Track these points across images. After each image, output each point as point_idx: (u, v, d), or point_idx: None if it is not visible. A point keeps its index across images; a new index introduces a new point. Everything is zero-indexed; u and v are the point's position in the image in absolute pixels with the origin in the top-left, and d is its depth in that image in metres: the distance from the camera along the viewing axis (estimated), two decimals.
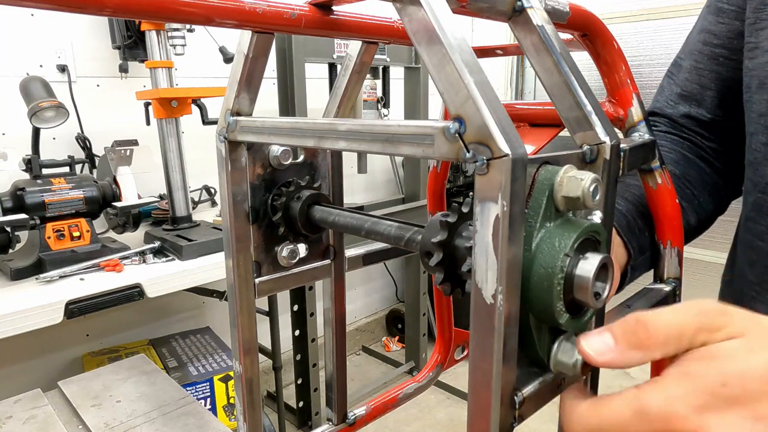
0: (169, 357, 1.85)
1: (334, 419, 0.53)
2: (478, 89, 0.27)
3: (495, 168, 0.26)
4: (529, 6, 0.36)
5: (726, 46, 0.65)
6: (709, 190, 0.67)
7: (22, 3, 0.29)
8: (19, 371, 1.80)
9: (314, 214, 0.45)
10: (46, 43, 1.77)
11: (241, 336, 0.45)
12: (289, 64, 1.96)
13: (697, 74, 0.68)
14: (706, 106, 0.68)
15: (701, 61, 0.67)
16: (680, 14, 2.58)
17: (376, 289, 3.19)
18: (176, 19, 0.34)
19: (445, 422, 2.40)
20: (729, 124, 0.67)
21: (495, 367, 0.28)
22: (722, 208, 0.71)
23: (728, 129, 0.67)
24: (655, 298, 0.53)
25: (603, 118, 0.36)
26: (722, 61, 0.66)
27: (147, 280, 1.41)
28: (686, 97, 0.69)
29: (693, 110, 0.68)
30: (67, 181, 1.50)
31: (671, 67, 0.72)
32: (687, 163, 0.67)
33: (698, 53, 0.68)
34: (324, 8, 0.40)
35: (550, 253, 0.29)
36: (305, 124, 0.36)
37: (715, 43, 0.66)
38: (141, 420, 1.04)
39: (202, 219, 1.79)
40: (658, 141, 0.69)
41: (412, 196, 2.62)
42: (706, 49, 0.67)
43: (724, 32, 0.65)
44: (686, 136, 0.69)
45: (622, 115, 0.51)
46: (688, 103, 0.69)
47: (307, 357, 2.19)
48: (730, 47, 0.64)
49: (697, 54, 0.68)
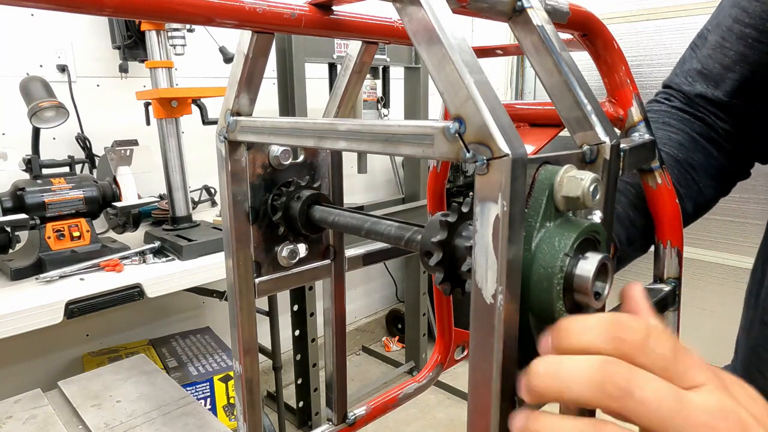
0: (169, 357, 1.85)
1: (334, 419, 0.54)
2: (478, 89, 0.27)
3: (495, 168, 0.26)
4: (529, 6, 0.36)
5: (757, 27, 0.60)
6: (713, 174, 0.64)
7: (22, 3, 0.29)
8: (19, 371, 1.80)
9: (314, 214, 0.45)
10: (46, 43, 1.77)
11: (241, 336, 0.45)
12: (289, 64, 1.96)
13: (722, 53, 0.63)
14: (725, 89, 0.64)
15: (728, 39, 0.63)
16: (680, 14, 2.58)
17: (376, 289, 3.19)
18: (176, 19, 0.34)
19: (445, 422, 2.40)
20: (746, 110, 0.64)
21: (495, 367, 0.28)
22: (726, 190, 0.68)
23: (745, 114, 0.64)
24: (654, 297, 0.53)
25: (603, 118, 0.36)
26: (751, 42, 0.61)
27: (147, 280, 1.41)
28: (705, 76, 0.65)
29: (710, 91, 0.65)
30: (67, 181, 1.50)
31: (696, 38, 0.67)
32: (693, 146, 0.64)
33: (726, 29, 0.63)
34: (324, 8, 0.40)
35: (549, 253, 0.29)
36: (305, 124, 0.36)
37: (747, 22, 0.61)
38: (141, 420, 1.04)
39: (202, 219, 1.79)
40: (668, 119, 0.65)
41: (412, 196, 2.62)
42: (736, 27, 0.62)
43: (758, 11, 0.60)
44: (700, 115, 0.66)
45: (622, 115, 0.51)
46: (706, 83, 0.65)
47: (307, 357, 2.19)
48: (762, 29, 0.60)
49: (725, 30, 0.63)
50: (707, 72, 0.65)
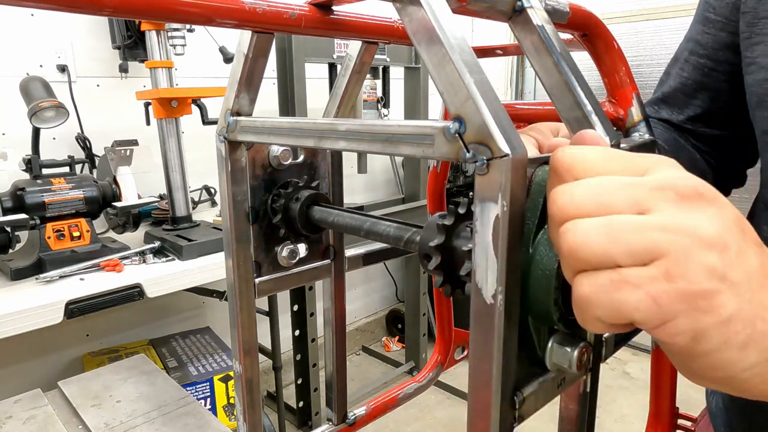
0: (169, 357, 1.85)
1: (334, 419, 0.54)
2: (478, 89, 0.27)
3: (495, 168, 0.26)
4: (529, 6, 0.36)
5: (711, 57, 0.63)
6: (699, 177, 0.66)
7: (22, 3, 0.29)
8: (19, 371, 1.80)
9: (313, 215, 0.45)
10: (46, 43, 1.77)
11: (241, 336, 0.45)
12: (289, 64, 1.96)
13: (681, 84, 0.67)
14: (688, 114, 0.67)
15: (686, 69, 0.66)
16: (680, 14, 2.58)
17: (376, 289, 3.19)
18: (176, 19, 0.34)
19: (445, 422, 2.40)
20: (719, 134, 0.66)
21: (495, 367, 0.28)
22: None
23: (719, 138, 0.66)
24: None
25: (603, 118, 0.36)
26: (707, 72, 0.64)
27: (147, 280, 1.41)
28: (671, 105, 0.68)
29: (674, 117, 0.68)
30: (67, 181, 1.50)
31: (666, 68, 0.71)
32: (677, 148, 0.66)
33: (684, 62, 0.67)
34: (324, 8, 0.40)
35: (547, 255, 0.29)
36: (305, 124, 0.36)
37: (701, 53, 0.64)
38: (141, 420, 1.04)
39: (202, 219, 1.79)
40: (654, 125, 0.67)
41: (412, 196, 2.62)
42: (692, 59, 0.66)
43: (709, 43, 0.63)
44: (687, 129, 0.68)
45: (622, 115, 0.51)
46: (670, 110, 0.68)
47: (307, 357, 2.19)
48: (716, 59, 0.63)
49: (682, 62, 0.67)
50: (672, 101, 0.68)
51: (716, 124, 0.66)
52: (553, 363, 0.32)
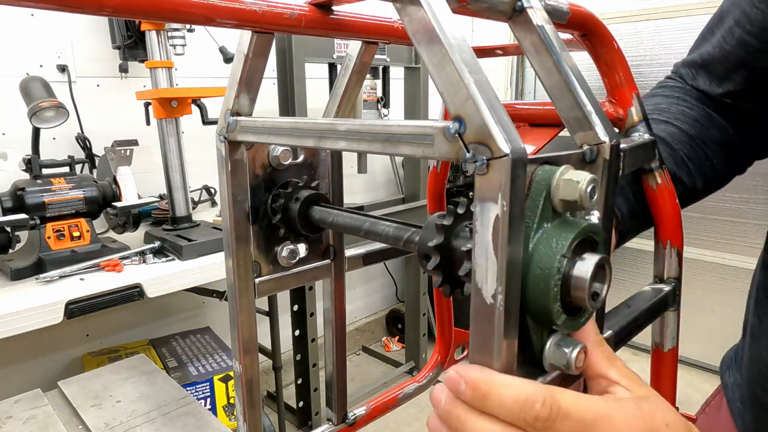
0: (169, 357, 1.85)
1: (334, 419, 0.53)
2: (478, 89, 0.27)
3: (495, 168, 0.26)
4: (529, 6, 0.36)
5: (758, 37, 0.58)
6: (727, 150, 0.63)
7: (22, 3, 0.29)
8: (19, 371, 1.80)
9: (313, 215, 0.45)
10: (46, 43, 1.77)
11: (241, 336, 0.45)
12: (289, 64, 1.96)
13: (721, 55, 0.62)
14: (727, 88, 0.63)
15: (729, 42, 0.60)
16: (680, 14, 2.58)
17: (376, 289, 3.19)
18: (176, 19, 0.34)
19: None
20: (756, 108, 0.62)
21: (495, 367, 0.28)
22: (741, 168, 0.67)
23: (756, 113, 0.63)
24: (654, 298, 0.53)
25: (603, 118, 0.36)
26: (752, 51, 0.59)
27: (147, 280, 1.41)
28: (710, 74, 0.64)
29: (712, 89, 0.64)
30: (67, 181, 1.50)
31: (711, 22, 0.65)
32: (709, 122, 0.63)
33: (728, 30, 0.60)
34: (324, 8, 0.40)
35: (547, 255, 0.29)
36: (305, 124, 0.36)
37: (747, 30, 0.58)
38: (141, 420, 1.04)
39: (202, 219, 1.79)
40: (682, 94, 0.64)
41: (412, 196, 2.62)
42: (737, 31, 0.59)
43: (758, 21, 0.57)
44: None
45: (622, 115, 0.51)
46: (709, 80, 0.64)
47: (307, 357, 2.19)
48: (763, 39, 0.57)
49: (726, 31, 0.61)
50: (711, 71, 0.64)
51: (754, 100, 0.62)
52: (551, 364, 0.32)
